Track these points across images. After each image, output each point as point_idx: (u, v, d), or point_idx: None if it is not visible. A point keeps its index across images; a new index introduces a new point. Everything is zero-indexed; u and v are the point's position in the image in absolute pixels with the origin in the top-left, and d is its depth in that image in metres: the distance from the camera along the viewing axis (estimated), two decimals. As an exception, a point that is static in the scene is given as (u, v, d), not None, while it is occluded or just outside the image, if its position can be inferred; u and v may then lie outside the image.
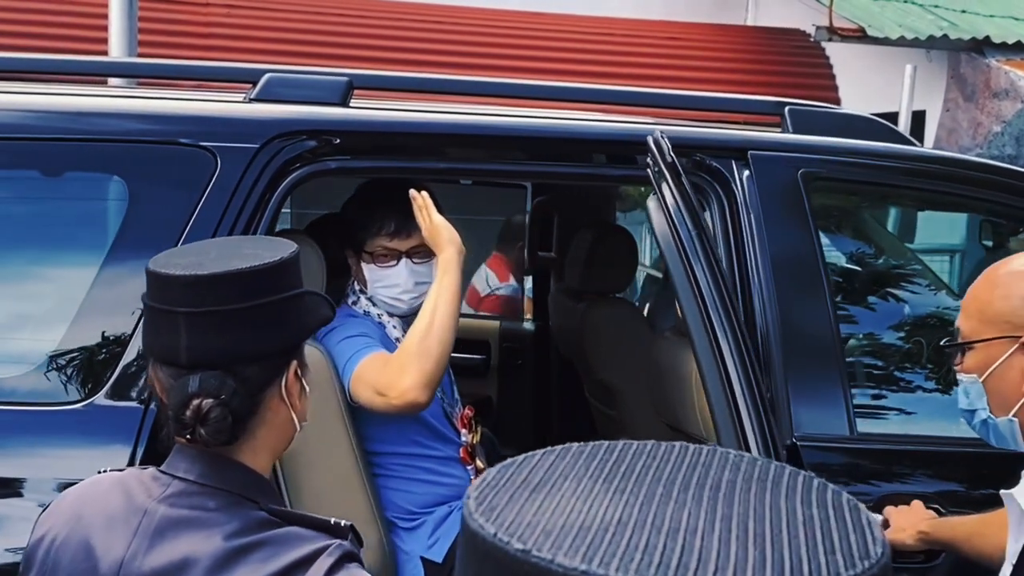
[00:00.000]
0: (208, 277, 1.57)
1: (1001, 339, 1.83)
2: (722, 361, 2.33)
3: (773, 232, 2.67)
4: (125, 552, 1.55)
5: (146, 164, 2.44)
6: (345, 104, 2.66)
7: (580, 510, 0.71)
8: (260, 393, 1.63)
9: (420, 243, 2.82)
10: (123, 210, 2.42)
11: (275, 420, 1.66)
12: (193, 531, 1.55)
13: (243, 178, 2.45)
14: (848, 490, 2.30)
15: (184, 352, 1.57)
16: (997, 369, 1.84)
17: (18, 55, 2.98)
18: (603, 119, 2.97)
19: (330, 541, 1.54)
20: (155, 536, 1.56)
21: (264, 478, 1.68)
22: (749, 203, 2.68)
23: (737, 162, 2.73)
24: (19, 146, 2.43)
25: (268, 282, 1.60)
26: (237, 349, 1.59)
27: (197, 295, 1.56)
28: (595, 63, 8.43)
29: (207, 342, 1.57)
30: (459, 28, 8.73)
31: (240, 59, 7.26)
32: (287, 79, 2.67)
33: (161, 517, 1.57)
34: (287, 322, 1.64)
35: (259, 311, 1.59)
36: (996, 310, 1.85)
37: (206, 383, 1.57)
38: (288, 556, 1.51)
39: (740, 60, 9.13)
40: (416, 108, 2.87)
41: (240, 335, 1.58)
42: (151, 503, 1.59)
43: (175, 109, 2.57)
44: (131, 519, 1.58)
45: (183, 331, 1.57)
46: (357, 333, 2.79)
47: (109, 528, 1.58)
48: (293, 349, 1.68)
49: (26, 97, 2.56)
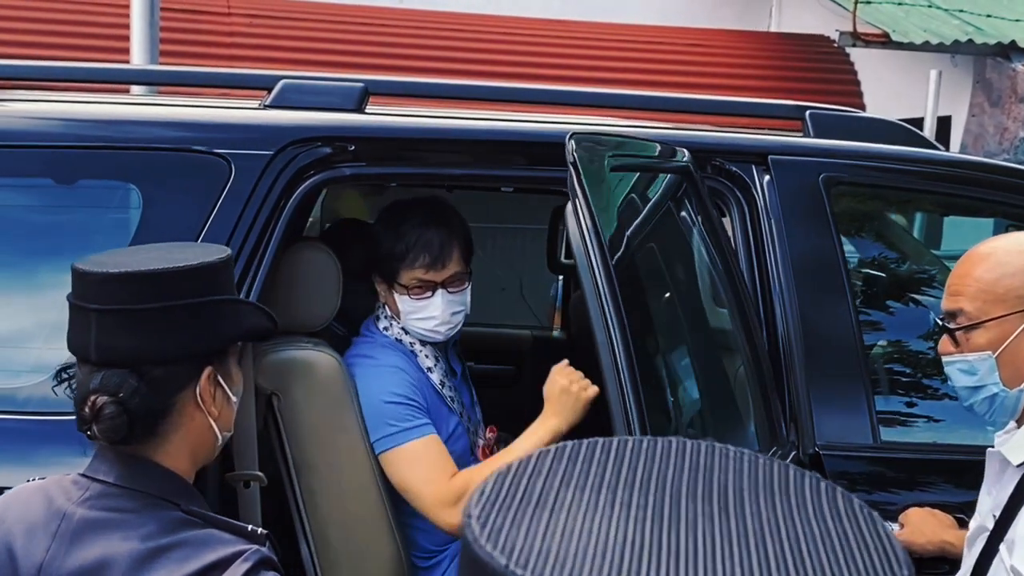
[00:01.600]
0: (119, 275, 1.58)
1: (1014, 314, 1.93)
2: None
3: (794, 237, 2.63)
4: (44, 556, 1.56)
5: (160, 171, 2.42)
6: (360, 110, 2.64)
7: (590, 531, 0.67)
8: (171, 396, 1.62)
9: (454, 271, 2.74)
10: (137, 218, 2.40)
11: (191, 425, 1.66)
12: (111, 532, 1.56)
13: (257, 185, 2.43)
14: (871, 499, 2.26)
15: (94, 349, 1.59)
16: (1013, 343, 1.94)
17: (39, 63, 2.98)
18: (619, 124, 2.94)
19: (248, 546, 1.55)
20: (73, 538, 1.56)
21: (186, 481, 1.67)
22: (770, 208, 2.65)
23: (757, 167, 2.69)
24: (33, 154, 2.42)
25: (181, 285, 1.60)
26: (144, 349, 1.59)
27: (107, 293, 1.58)
28: (617, 70, 8.40)
29: (115, 340, 1.58)
30: (480, 36, 8.72)
31: (262, 69, 7.27)
32: (302, 86, 2.65)
33: (79, 519, 1.58)
34: (200, 327, 1.63)
35: (169, 313, 1.60)
36: (1006, 287, 1.94)
37: (107, 380, 1.58)
38: (205, 558, 1.51)
39: (764, 66, 9.08)
40: (432, 114, 2.84)
41: (148, 336, 1.59)
42: (70, 506, 1.59)
43: (188, 116, 2.56)
44: (50, 523, 1.59)
45: (93, 328, 1.58)
46: (402, 396, 2.69)
47: (29, 534, 1.59)
48: (208, 355, 1.66)
49: (40, 105, 2.56)
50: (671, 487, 0.72)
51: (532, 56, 8.56)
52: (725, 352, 2.84)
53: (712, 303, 2.80)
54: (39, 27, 7.49)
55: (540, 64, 8.40)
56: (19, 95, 2.67)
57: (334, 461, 2.66)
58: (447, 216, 2.78)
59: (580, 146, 2.18)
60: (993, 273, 1.97)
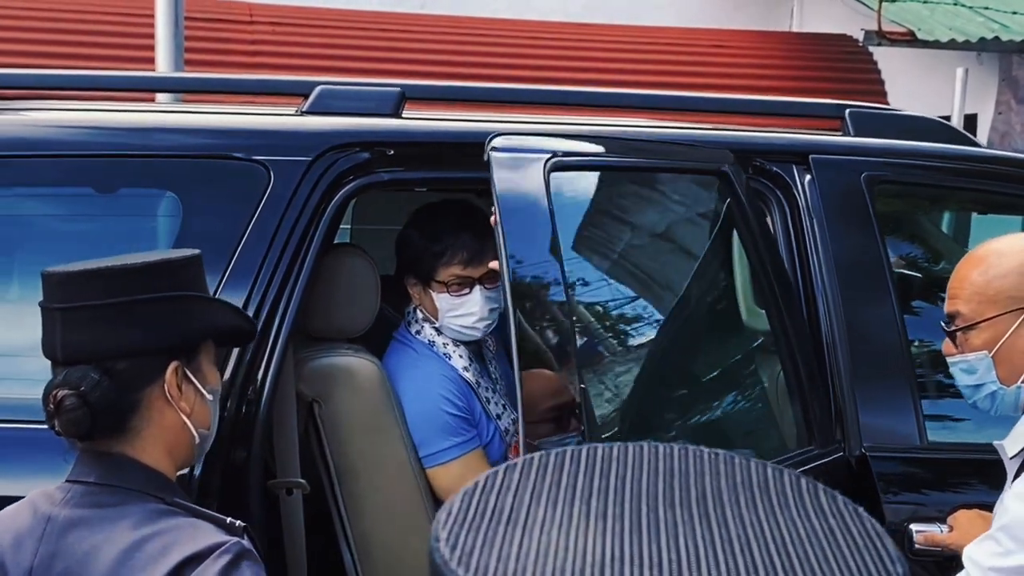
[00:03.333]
0: (79, 273, 1.63)
1: (1006, 313, 2.01)
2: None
3: (837, 237, 2.61)
4: (33, 560, 1.60)
5: (200, 179, 2.42)
6: (397, 115, 2.63)
7: (566, 546, 0.63)
8: (137, 391, 1.65)
9: (490, 269, 2.73)
10: (177, 225, 2.40)
11: (162, 421, 1.68)
12: (94, 527, 1.60)
13: (296, 191, 2.43)
14: (919, 501, 2.23)
15: (60, 348, 1.63)
16: (1007, 341, 2.02)
17: (70, 72, 2.99)
18: (655, 125, 2.92)
19: (227, 538, 1.57)
20: (59, 539, 1.60)
21: (167, 477, 1.70)
22: (811, 208, 2.63)
23: (798, 167, 2.67)
24: (73, 163, 2.42)
25: (139, 281, 1.64)
26: (105, 344, 1.62)
27: (69, 292, 1.62)
28: (640, 72, 8.38)
29: (79, 337, 1.62)
30: (501, 41, 8.72)
31: (287, 75, 7.28)
32: (339, 91, 2.64)
33: (63, 520, 1.62)
34: (162, 322, 1.66)
35: (129, 308, 1.63)
36: (997, 288, 2.02)
37: (69, 376, 1.61)
38: (184, 550, 1.54)
39: (787, 66, 9.05)
40: (468, 118, 2.83)
41: (109, 331, 1.62)
42: (54, 509, 1.63)
43: (228, 123, 2.55)
44: (36, 529, 1.62)
45: (59, 327, 1.63)
46: (454, 408, 2.69)
47: (17, 543, 1.63)
48: (172, 350, 1.68)
49: (79, 114, 2.56)
50: (647, 494, 0.68)
51: (554, 60, 8.55)
52: (763, 354, 2.82)
53: (751, 304, 2.78)
54: (62, 37, 7.52)
55: (562, 68, 8.38)
56: (57, 105, 2.67)
57: (376, 466, 2.65)
58: (479, 217, 2.77)
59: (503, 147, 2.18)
60: (986, 275, 2.05)
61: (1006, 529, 1.92)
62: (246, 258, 2.36)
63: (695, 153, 2.59)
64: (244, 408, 2.31)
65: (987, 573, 1.91)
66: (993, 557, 1.92)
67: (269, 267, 2.36)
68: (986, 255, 2.09)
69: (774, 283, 2.49)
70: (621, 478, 0.69)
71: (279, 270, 2.37)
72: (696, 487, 0.69)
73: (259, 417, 2.32)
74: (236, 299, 2.31)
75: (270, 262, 2.36)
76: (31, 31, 7.47)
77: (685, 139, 2.72)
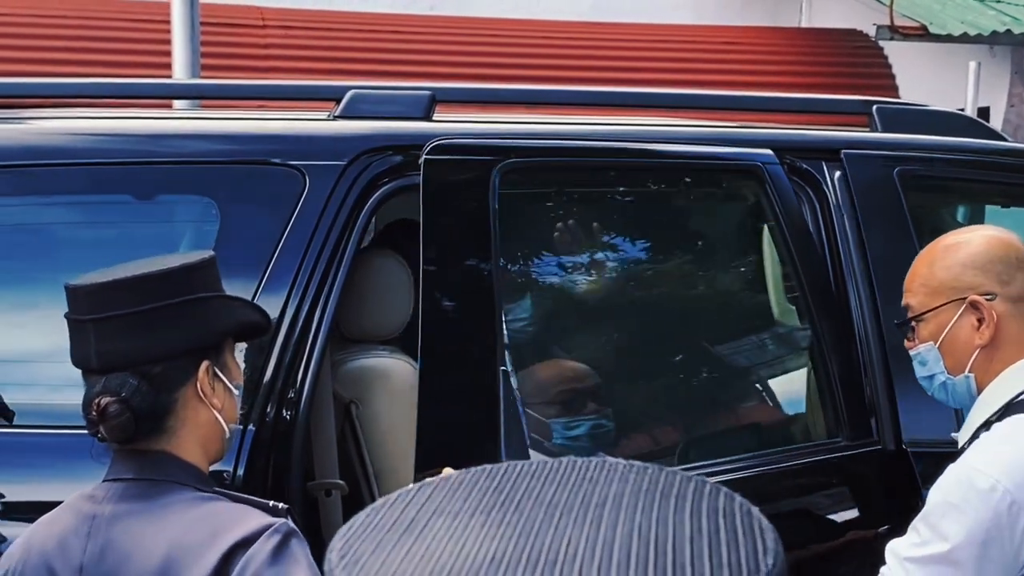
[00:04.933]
0: (108, 284, 1.68)
1: (949, 304, 2.05)
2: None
3: (870, 233, 2.62)
4: (83, 557, 1.65)
5: (236, 184, 2.44)
6: (428, 118, 2.65)
7: (451, 551, 0.65)
8: (173, 392, 1.70)
9: None
10: (215, 231, 2.42)
11: (197, 419, 1.74)
12: (141, 518, 1.65)
13: (332, 195, 2.44)
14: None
15: (95, 358, 1.68)
16: (950, 332, 2.05)
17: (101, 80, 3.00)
18: (681, 124, 2.94)
19: (274, 519, 1.63)
20: (107, 533, 1.65)
21: (203, 471, 1.76)
22: (842, 204, 2.64)
23: (828, 163, 2.68)
24: (111, 171, 2.44)
25: (164, 287, 1.70)
26: (141, 350, 1.67)
27: (100, 302, 1.67)
28: (652, 70, 8.39)
29: (114, 346, 1.67)
30: (512, 40, 8.73)
31: (298, 78, 7.30)
32: (371, 95, 2.66)
33: (109, 514, 1.67)
34: (190, 324, 1.72)
35: (158, 313, 1.68)
36: (940, 280, 2.06)
37: (109, 383, 1.66)
38: (235, 532, 1.60)
39: (798, 62, 9.05)
40: (498, 120, 2.85)
41: (142, 337, 1.67)
42: (97, 508, 1.68)
43: (264, 129, 2.57)
44: (81, 528, 1.67)
45: (92, 338, 1.67)
46: None
47: (63, 546, 1.68)
48: (202, 350, 1.74)
49: (116, 122, 2.58)
50: (548, 504, 0.70)
51: (566, 59, 8.55)
52: (793, 348, 2.84)
53: (783, 301, 2.80)
54: (75, 44, 7.55)
55: (574, 67, 8.39)
56: (92, 113, 2.69)
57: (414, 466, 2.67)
58: None
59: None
60: (931, 268, 2.10)
61: (923, 518, 1.92)
62: (283, 262, 2.38)
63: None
64: (284, 410, 2.33)
65: (903, 563, 1.91)
66: (911, 548, 1.92)
67: (306, 270, 2.38)
68: (935, 249, 2.13)
69: (808, 278, 2.51)
70: (528, 491, 0.72)
71: (316, 273, 2.39)
72: (599, 495, 0.70)
73: (299, 419, 2.34)
74: (275, 302, 2.34)
75: (307, 265, 2.38)
76: (35, 38, 7.49)
77: (716, 137, 2.74)
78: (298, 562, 1.60)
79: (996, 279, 2.02)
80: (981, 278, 2.02)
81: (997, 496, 1.83)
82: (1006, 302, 2.01)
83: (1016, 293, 2.01)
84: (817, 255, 2.62)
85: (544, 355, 2.72)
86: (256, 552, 1.57)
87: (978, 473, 1.87)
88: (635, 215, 2.86)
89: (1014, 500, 1.82)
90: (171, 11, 4.86)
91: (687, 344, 2.89)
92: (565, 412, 2.58)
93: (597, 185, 2.83)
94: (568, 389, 2.60)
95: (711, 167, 2.69)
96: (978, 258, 2.04)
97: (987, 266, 2.03)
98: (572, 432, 2.61)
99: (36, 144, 2.45)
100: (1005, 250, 2.04)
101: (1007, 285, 2.01)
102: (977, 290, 2.02)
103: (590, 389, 2.68)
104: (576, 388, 2.63)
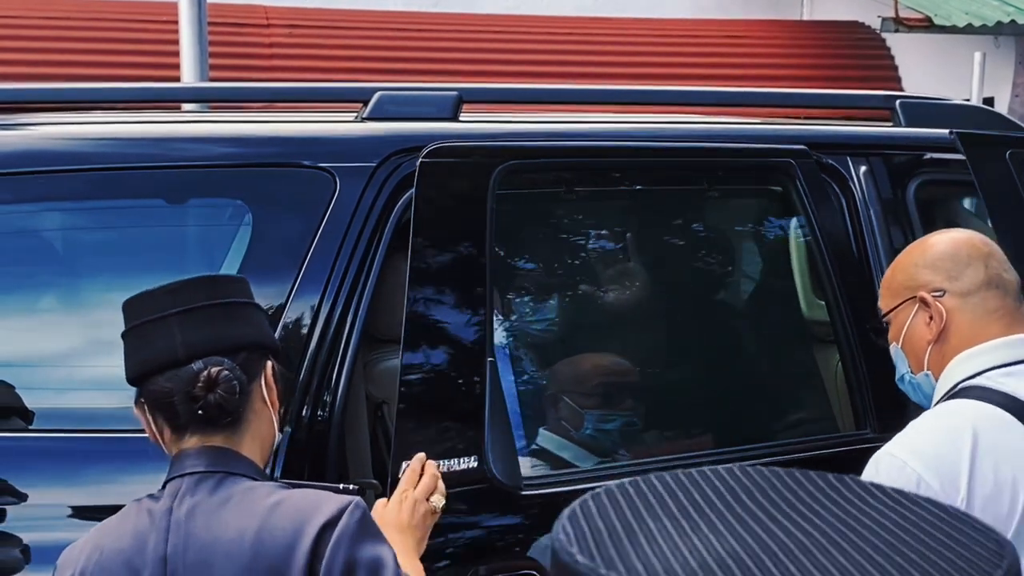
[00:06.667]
0: (189, 281, 1.83)
1: (904, 303, 2.10)
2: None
3: (895, 228, 2.64)
4: (165, 549, 1.71)
5: (268, 188, 2.45)
6: (456, 119, 2.66)
7: (689, 549, 0.68)
8: (248, 384, 1.81)
9: None
10: (248, 235, 2.43)
11: (261, 415, 1.85)
12: (220, 508, 1.72)
13: (362, 197, 2.45)
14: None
15: (181, 348, 1.77)
16: (907, 331, 2.10)
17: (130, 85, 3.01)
18: (697, 121, 2.95)
19: (352, 498, 1.75)
20: (188, 527, 1.71)
21: (262, 469, 1.86)
22: (868, 200, 2.65)
23: (853, 159, 2.70)
24: (144, 175, 2.44)
25: (236, 288, 1.87)
26: (224, 338, 1.80)
27: (183, 297, 1.80)
28: (657, 65, 8.40)
29: (199, 334, 1.78)
30: (518, 37, 8.74)
31: (303, 78, 7.31)
32: (398, 96, 2.66)
33: (186, 509, 1.73)
34: (257, 323, 1.88)
35: (234, 308, 1.84)
36: (898, 282, 2.12)
37: (208, 361, 1.77)
38: (321, 514, 1.70)
39: (802, 55, 9.07)
40: (524, 119, 2.86)
41: (224, 326, 1.81)
42: (173, 503, 1.75)
43: (293, 132, 2.58)
44: (159, 523, 1.73)
45: (176, 330, 1.78)
46: None
47: (138, 540, 1.73)
48: (267, 347, 1.88)
49: (147, 126, 2.58)
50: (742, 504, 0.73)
51: (570, 55, 8.57)
52: (821, 343, 2.86)
53: (811, 296, 2.81)
54: (81, 46, 7.55)
55: (578, 63, 8.40)
56: (120, 118, 2.70)
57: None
58: None
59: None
60: (892, 271, 2.18)
61: None
62: (316, 264, 2.39)
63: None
64: (319, 411, 2.34)
65: None
66: None
67: (339, 272, 2.39)
68: (901, 253, 2.21)
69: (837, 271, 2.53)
70: (715, 493, 0.75)
71: (348, 275, 2.40)
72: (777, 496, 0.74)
73: (333, 420, 2.35)
74: (308, 304, 2.36)
75: (339, 267, 2.39)
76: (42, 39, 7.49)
77: (742, 134, 2.75)
78: (378, 529, 1.75)
79: (945, 275, 2.05)
80: (931, 275, 2.07)
81: (906, 472, 1.87)
82: (955, 297, 2.04)
83: (964, 288, 2.04)
84: (851, 250, 2.63)
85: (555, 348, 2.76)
86: (345, 528, 1.69)
87: (887, 455, 1.93)
88: (667, 213, 2.88)
89: (920, 477, 1.86)
90: (179, 12, 4.87)
91: (712, 343, 2.91)
92: (601, 405, 2.61)
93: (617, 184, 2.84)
94: (605, 383, 2.63)
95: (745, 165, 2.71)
96: (929, 257, 2.09)
97: (936, 263, 2.07)
98: (607, 425, 2.64)
99: (64, 150, 2.46)
100: (956, 248, 2.08)
101: (955, 280, 2.05)
102: (927, 287, 2.06)
103: (627, 384, 2.71)
104: (612, 382, 2.66)
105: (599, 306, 2.84)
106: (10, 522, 2.19)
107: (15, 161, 2.38)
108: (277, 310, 2.35)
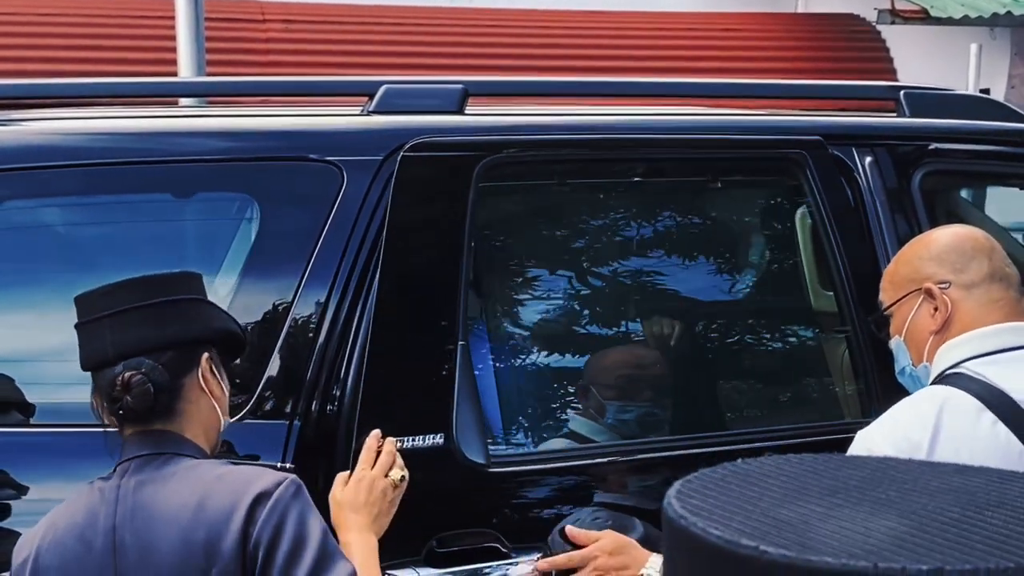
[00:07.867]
0: (120, 284, 1.93)
1: (908, 295, 2.13)
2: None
3: (900, 219, 2.65)
4: (115, 519, 1.83)
5: (275, 181, 2.44)
6: (461, 112, 2.66)
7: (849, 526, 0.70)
8: (181, 378, 1.92)
9: None
10: (255, 228, 2.43)
11: (199, 404, 1.95)
12: (167, 481, 1.85)
13: (369, 190, 2.45)
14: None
15: (110, 348, 1.89)
16: (911, 322, 2.13)
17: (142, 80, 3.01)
18: (705, 113, 2.95)
19: (290, 475, 1.87)
20: (135, 498, 1.84)
21: (208, 453, 1.96)
22: (874, 190, 2.66)
23: (858, 149, 2.70)
24: (149, 169, 2.44)
25: (169, 286, 1.96)
26: (152, 338, 1.90)
27: (114, 299, 1.91)
28: (654, 58, 8.41)
29: (127, 335, 1.89)
30: (516, 30, 8.74)
31: (299, 73, 7.30)
32: (404, 90, 2.66)
33: (135, 483, 1.86)
34: (191, 318, 1.96)
35: (165, 308, 1.93)
36: (902, 275, 2.15)
37: (128, 365, 1.88)
38: (256, 485, 1.81)
39: (798, 47, 9.08)
40: (529, 112, 2.86)
41: (153, 327, 1.90)
42: (121, 481, 1.87)
43: (300, 125, 2.58)
44: (108, 496, 1.86)
45: (107, 331, 1.89)
46: None
47: (90, 515, 1.85)
48: (202, 343, 1.96)
49: (155, 121, 2.58)
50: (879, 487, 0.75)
51: (565, 48, 8.57)
52: (827, 338, 2.87)
53: (817, 288, 2.82)
54: (77, 42, 7.54)
55: (577, 56, 8.40)
56: (127, 112, 2.70)
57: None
58: None
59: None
60: (895, 265, 2.21)
61: None
62: (324, 258, 2.38)
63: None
64: (328, 406, 2.34)
65: None
66: None
67: (347, 266, 2.39)
68: (904, 247, 2.24)
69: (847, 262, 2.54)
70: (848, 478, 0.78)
71: (356, 268, 2.40)
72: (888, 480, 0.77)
73: (343, 414, 2.35)
74: (317, 298, 2.36)
75: (347, 261, 2.39)
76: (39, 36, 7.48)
77: (747, 126, 2.75)
78: (311, 504, 1.85)
79: (950, 268, 2.08)
80: (936, 268, 2.10)
81: (875, 453, 1.89)
82: (960, 289, 2.07)
83: (969, 280, 2.07)
84: (864, 240, 2.64)
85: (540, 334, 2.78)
86: (279, 498, 1.81)
87: (862, 436, 2.01)
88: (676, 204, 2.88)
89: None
90: (175, 8, 4.86)
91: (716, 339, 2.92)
92: (623, 395, 2.62)
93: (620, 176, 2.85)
94: (628, 374, 2.65)
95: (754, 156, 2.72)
96: (934, 250, 2.12)
97: (941, 256, 2.10)
98: (626, 416, 2.65)
99: (71, 145, 2.45)
100: (961, 241, 2.12)
101: (961, 273, 2.08)
102: (932, 279, 2.09)
103: (651, 375, 2.74)
104: (635, 374, 2.68)
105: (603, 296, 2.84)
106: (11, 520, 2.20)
107: (19, 157, 2.37)
108: (285, 304, 2.35)
